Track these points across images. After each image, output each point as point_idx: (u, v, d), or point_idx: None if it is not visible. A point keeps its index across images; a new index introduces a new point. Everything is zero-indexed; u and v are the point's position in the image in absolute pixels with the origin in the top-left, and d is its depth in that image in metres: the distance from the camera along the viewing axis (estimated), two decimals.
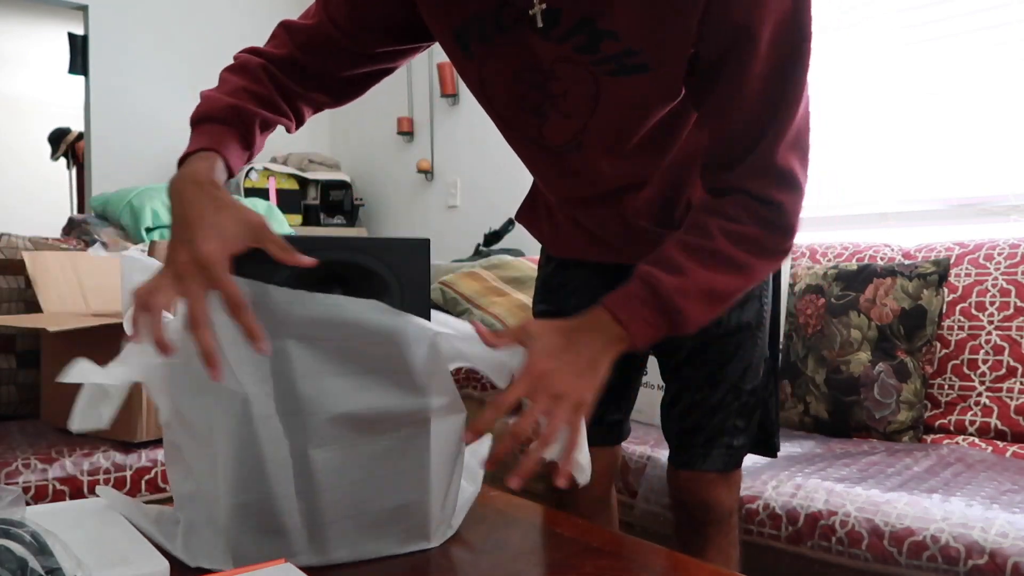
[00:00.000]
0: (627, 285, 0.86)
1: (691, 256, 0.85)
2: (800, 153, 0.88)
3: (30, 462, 1.47)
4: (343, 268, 0.86)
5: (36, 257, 1.82)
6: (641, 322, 0.84)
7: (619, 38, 0.84)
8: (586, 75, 0.89)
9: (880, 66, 2.24)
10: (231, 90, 0.96)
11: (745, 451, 1.16)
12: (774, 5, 0.79)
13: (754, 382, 1.13)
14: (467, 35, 0.92)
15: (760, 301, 1.12)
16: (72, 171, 5.32)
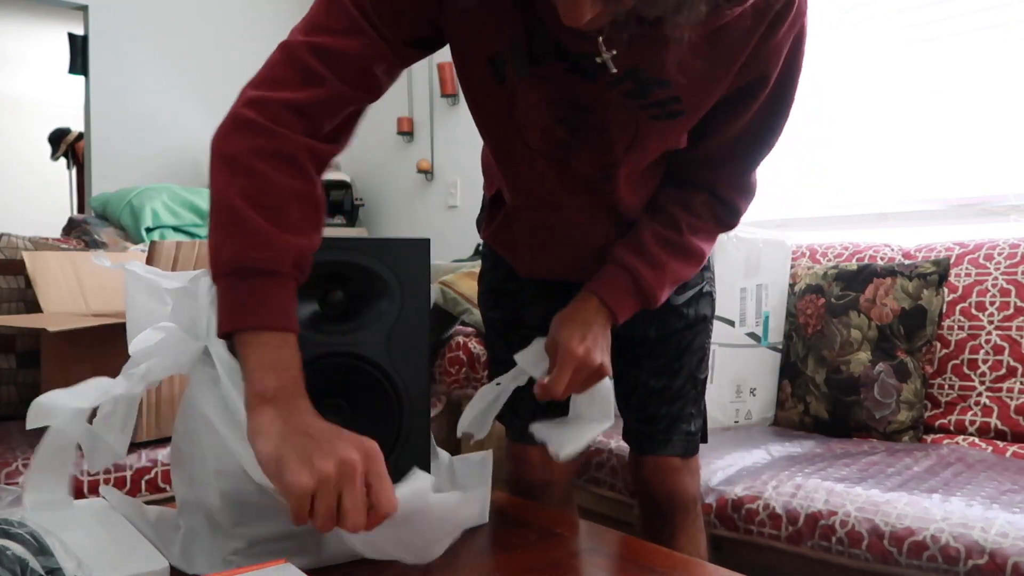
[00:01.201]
0: (614, 275, 1.02)
1: (665, 249, 1.02)
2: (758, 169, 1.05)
3: (30, 462, 1.47)
4: (344, 268, 0.86)
5: (36, 257, 1.82)
6: (626, 308, 1.02)
7: (669, 86, 0.88)
8: (629, 116, 0.92)
9: (880, 66, 2.24)
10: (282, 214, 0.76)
11: (697, 437, 1.22)
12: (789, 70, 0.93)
13: (706, 371, 1.22)
14: (503, 62, 0.87)
15: (711, 296, 1.23)
16: (72, 171, 5.31)
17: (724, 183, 1.03)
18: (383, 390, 0.89)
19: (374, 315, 0.88)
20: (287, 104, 0.78)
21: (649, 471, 1.20)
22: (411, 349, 0.89)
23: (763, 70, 0.90)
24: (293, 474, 0.66)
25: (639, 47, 0.82)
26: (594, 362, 0.96)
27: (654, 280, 1.01)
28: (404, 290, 0.88)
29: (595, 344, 0.97)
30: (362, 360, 0.87)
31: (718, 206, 1.04)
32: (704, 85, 0.90)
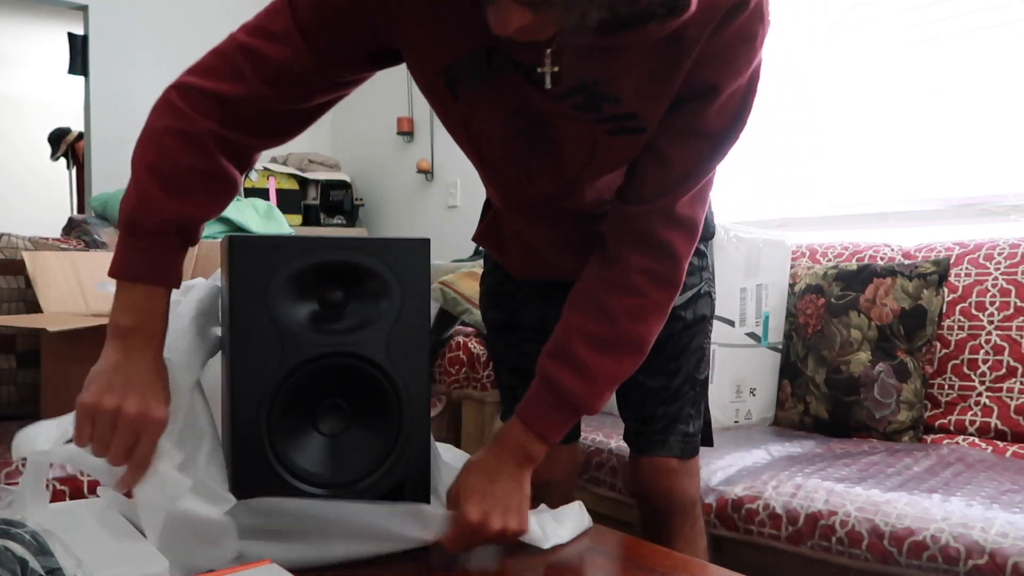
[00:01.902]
0: (539, 392, 0.92)
1: (595, 351, 0.91)
2: (702, 204, 0.95)
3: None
4: (344, 268, 0.86)
5: (36, 257, 1.82)
6: (553, 428, 0.92)
7: (620, 102, 0.86)
8: (585, 132, 0.90)
9: (880, 66, 2.24)
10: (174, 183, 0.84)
11: (697, 439, 1.20)
12: (737, 76, 0.85)
13: (706, 371, 1.20)
14: (456, 76, 0.88)
15: (710, 296, 1.20)
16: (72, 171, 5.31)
17: (657, 213, 0.91)
18: (383, 390, 0.89)
19: (374, 315, 0.88)
20: (207, 93, 0.86)
21: (646, 472, 1.19)
22: (411, 349, 0.89)
23: (710, 78, 0.85)
24: (84, 393, 0.82)
25: (586, 61, 0.83)
26: (491, 528, 0.86)
27: (584, 392, 0.91)
28: (404, 290, 0.88)
29: (497, 505, 0.87)
30: (362, 360, 0.87)
31: (655, 260, 0.92)
32: (653, 99, 0.87)
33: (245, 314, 0.83)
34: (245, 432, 0.83)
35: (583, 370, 0.91)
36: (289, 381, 0.84)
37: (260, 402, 0.83)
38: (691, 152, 0.89)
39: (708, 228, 1.18)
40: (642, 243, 0.92)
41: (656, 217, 0.91)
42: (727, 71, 0.84)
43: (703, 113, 0.86)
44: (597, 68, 0.84)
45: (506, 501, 0.89)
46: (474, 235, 1.21)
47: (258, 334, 0.83)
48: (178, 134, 0.85)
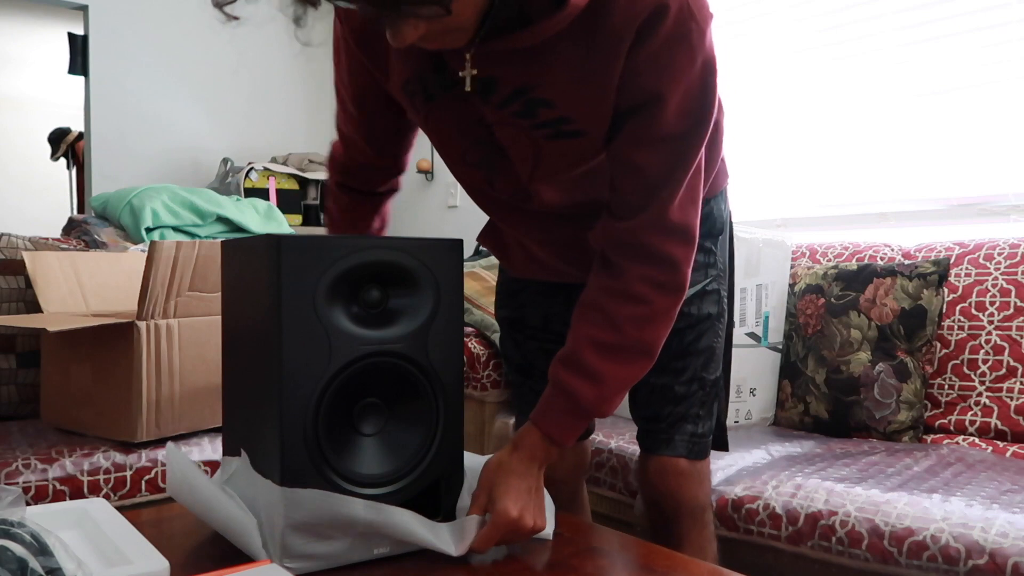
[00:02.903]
0: (552, 399, 0.94)
1: (604, 357, 0.93)
2: (693, 207, 0.94)
3: (30, 462, 1.47)
4: (380, 267, 0.87)
5: (36, 257, 1.82)
6: (568, 431, 0.94)
7: (553, 106, 0.89)
8: (527, 138, 0.93)
9: (880, 66, 2.24)
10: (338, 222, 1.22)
11: (708, 441, 1.18)
12: (683, 78, 0.85)
13: (716, 372, 1.18)
14: (412, 90, 0.96)
15: (719, 294, 1.17)
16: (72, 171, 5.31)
17: (646, 226, 0.92)
18: (421, 389, 0.90)
19: (411, 314, 0.89)
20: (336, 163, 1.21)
21: (653, 472, 1.17)
22: (448, 347, 0.91)
23: (652, 86, 0.85)
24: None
25: (509, 66, 0.86)
26: (526, 525, 0.90)
27: (596, 397, 0.93)
28: (440, 288, 0.90)
29: (529, 504, 0.91)
30: (404, 359, 0.88)
31: (652, 270, 0.93)
32: (587, 103, 0.88)
33: (294, 315, 0.82)
34: (294, 434, 0.83)
35: (594, 376, 0.92)
36: (336, 381, 0.85)
37: (309, 402, 0.83)
38: (659, 157, 0.90)
39: (716, 223, 1.17)
40: (640, 255, 0.93)
41: (647, 229, 0.92)
42: (668, 76, 0.85)
43: (659, 118, 0.87)
44: (524, 73, 0.87)
45: (536, 501, 0.92)
46: (478, 235, 1.24)
47: (307, 335, 0.83)
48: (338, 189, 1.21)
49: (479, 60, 0.87)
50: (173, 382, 1.59)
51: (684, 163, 0.90)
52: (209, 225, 2.79)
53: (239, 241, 0.92)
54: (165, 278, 1.54)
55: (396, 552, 0.88)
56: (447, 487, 0.92)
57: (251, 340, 0.90)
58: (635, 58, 0.84)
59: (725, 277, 1.19)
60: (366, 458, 0.88)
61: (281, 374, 0.82)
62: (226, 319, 0.97)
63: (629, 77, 0.85)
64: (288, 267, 0.82)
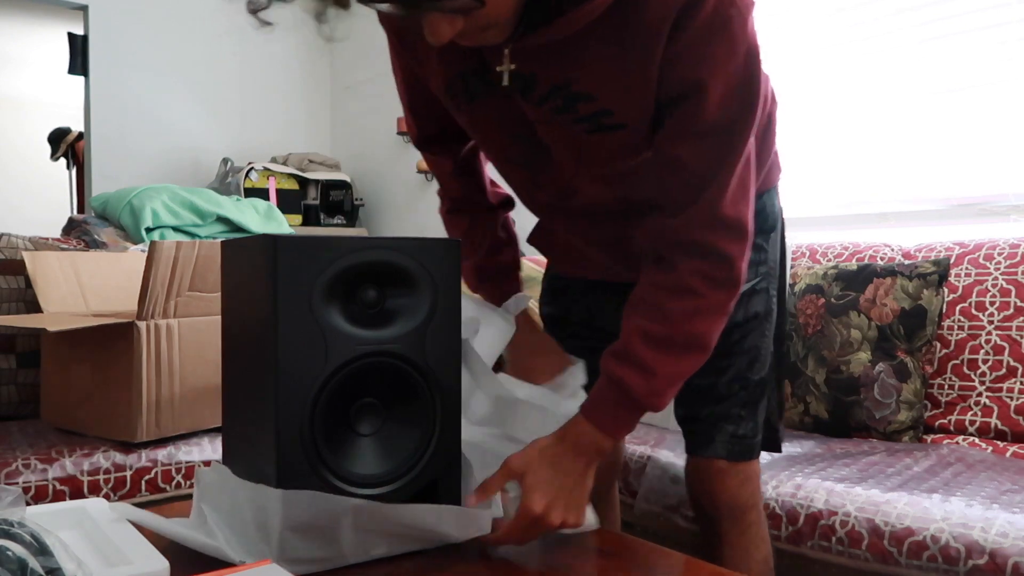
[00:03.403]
0: (603, 391, 0.93)
1: (655, 349, 0.90)
2: (745, 201, 0.91)
3: (30, 462, 1.47)
4: (377, 267, 0.87)
5: (36, 257, 1.82)
6: (620, 425, 0.93)
7: (593, 99, 0.87)
8: (567, 134, 0.92)
9: (880, 66, 2.24)
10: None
11: (753, 443, 1.14)
12: (726, 65, 0.83)
13: (761, 372, 1.14)
14: (455, 90, 0.96)
15: (768, 293, 1.13)
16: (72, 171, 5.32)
17: (696, 222, 0.90)
18: (418, 389, 0.89)
19: (408, 314, 0.89)
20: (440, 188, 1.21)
21: (693, 472, 1.16)
22: (445, 348, 0.91)
23: (692, 76, 0.83)
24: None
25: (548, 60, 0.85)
26: (551, 523, 0.89)
27: (645, 390, 0.91)
28: (437, 289, 0.90)
29: (560, 499, 0.90)
30: (401, 359, 0.88)
31: (704, 264, 0.90)
32: (626, 95, 0.87)
33: (291, 314, 0.82)
34: (290, 434, 0.83)
35: (645, 368, 0.90)
36: (332, 381, 0.85)
37: (305, 403, 0.83)
38: (704, 151, 0.87)
39: (769, 220, 1.14)
40: (692, 251, 0.90)
41: (698, 226, 0.89)
42: (709, 65, 0.82)
43: (702, 110, 0.85)
44: (562, 67, 0.86)
45: (568, 496, 0.90)
46: (528, 237, 1.23)
47: (303, 335, 0.83)
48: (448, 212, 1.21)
49: (517, 56, 0.86)
50: (173, 382, 1.59)
51: (731, 156, 0.88)
52: (209, 225, 2.79)
53: (238, 241, 0.92)
54: (165, 278, 1.54)
55: (393, 553, 0.88)
56: (444, 487, 0.92)
57: (249, 340, 0.90)
58: (674, 46, 0.81)
59: (775, 275, 1.16)
60: (363, 458, 0.87)
61: (277, 374, 0.82)
62: (225, 319, 0.97)
63: (668, 67, 0.83)
64: (284, 267, 0.82)
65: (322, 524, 0.82)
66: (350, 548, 0.85)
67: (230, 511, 0.87)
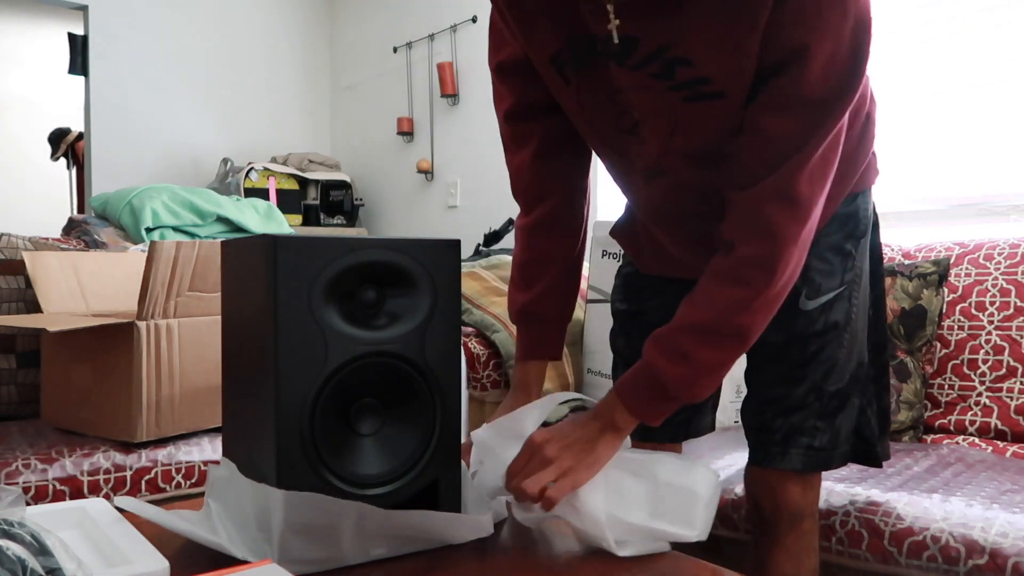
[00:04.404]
0: (636, 371, 0.93)
1: (696, 338, 0.90)
2: (823, 181, 0.88)
3: (30, 462, 1.47)
4: (377, 267, 0.87)
5: (36, 257, 1.82)
6: (646, 408, 0.93)
7: (693, 64, 0.85)
8: (662, 103, 0.90)
9: (880, 66, 2.24)
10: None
11: (832, 454, 1.10)
12: (832, 32, 0.79)
13: (839, 384, 1.09)
14: (562, 62, 0.94)
15: (849, 301, 1.08)
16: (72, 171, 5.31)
17: (769, 192, 0.86)
18: (418, 389, 0.89)
19: (408, 314, 0.89)
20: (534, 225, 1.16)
21: (757, 481, 1.14)
22: (445, 347, 0.90)
23: (798, 40, 0.79)
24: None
25: (651, 21, 0.84)
26: (545, 452, 0.89)
27: (681, 377, 0.90)
28: (437, 289, 0.90)
29: (566, 441, 0.90)
30: (401, 359, 0.88)
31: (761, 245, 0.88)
32: (730, 60, 0.83)
33: (290, 315, 0.82)
34: (290, 434, 0.83)
35: (681, 356, 0.90)
36: (332, 381, 0.85)
37: (305, 403, 0.83)
38: (794, 122, 0.84)
39: (860, 224, 1.09)
40: (752, 228, 0.88)
41: (766, 197, 0.87)
42: (815, 28, 0.79)
43: (802, 78, 0.81)
44: (666, 31, 0.84)
45: (572, 443, 0.91)
46: (611, 230, 1.23)
47: (303, 335, 0.83)
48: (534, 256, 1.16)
49: (621, 12, 0.85)
50: (173, 382, 1.59)
51: (821, 131, 0.84)
52: (209, 225, 2.79)
53: (238, 241, 0.92)
54: (165, 278, 1.54)
55: (393, 553, 0.88)
56: (444, 487, 0.92)
57: (248, 340, 0.90)
58: (781, 8, 0.78)
59: (859, 283, 1.10)
60: (363, 458, 0.87)
61: (277, 374, 0.82)
62: (225, 319, 0.97)
63: (774, 30, 0.80)
64: (284, 267, 0.82)
65: (322, 524, 0.82)
66: (350, 548, 0.85)
67: (235, 508, 0.87)
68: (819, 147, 0.85)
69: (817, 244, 1.01)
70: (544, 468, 0.89)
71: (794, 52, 0.80)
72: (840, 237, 1.07)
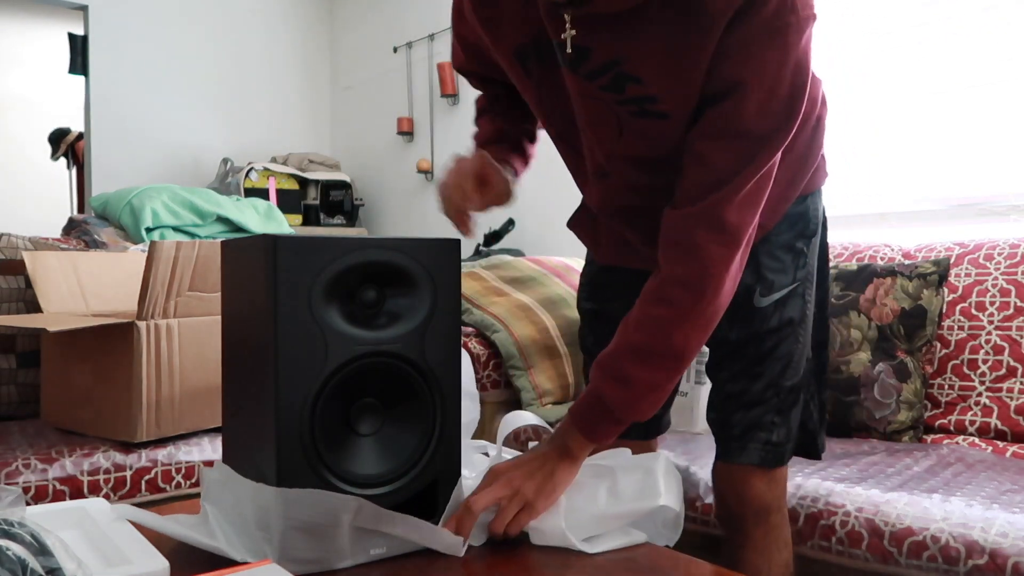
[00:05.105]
0: (584, 397, 0.96)
1: (635, 361, 0.93)
2: (752, 211, 0.91)
3: (30, 462, 1.47)
4: (376, 267, 0.87)
5: (36, 257, 1.82)
6: (597, 431, 0.95)
7: (642, 83, 0.88)
8: (611, 113, 0.93)
9: (880, 66, 2.24)
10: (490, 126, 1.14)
11: (786, 448, 1.13)
12: (770, 72, 0.83)
13: (795, 379, 1.12)
14: (526, 56, 0.97)
15: (803, 298, 1.12)
16: (72, 171, 5.31)
17: (702, 219, 0.90)
18: (418, 389, 0.90)
19: (408, 314, 0.89)
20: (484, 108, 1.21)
21: (722, 475, 1.15)
22: (445, 347, 0.91)
23: (737, 74, 0.83)
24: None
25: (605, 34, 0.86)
26: (513, 482, 0.90)
27: (623, 400, 0.93)
28: (437, 288, 0.90)
29: (526, 470, 0.92)
30: (401, 359, 0.88)
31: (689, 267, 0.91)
32: (676, 84, 0.87)
33: (290, 315, 0.82)
34: (290, 434, 0.83)
35: (622, 379, 0.93)
36: (332, 381, 0.85)
37: (305, 403, 0.83)
38: (729, 152, 0.87)
39: (811, 224, 1.12)
40: (678, 249, 0.92)
41: (695, 222, 0.90)
42: (754, 66, 0.83)
43: (739, 111, 0.85)
44: (618, 47, 0.87)
45: (532, 472, 0.92)
46: (568, 222, 1.23)
47: (303, 335, 0.83)
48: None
49: (577, 24, 0.87)
50: (173, 382, 1.59)
51: (754, 164, 0.87)
52: (209, 225, 2.79)
53: (238, 241, 0.92)
54: (165, 278, 1.54)
55: (393, 553, 0.88)
56: (444, 487, 0.92)
57: (248, 340, 0.90)
58: (727, 40, 0.82)
59: (812, 280, 1.14)
60: (363, 458, 0.88)
61: (277, 374, 0.82)
62: (225, 319, 0.97)
63: (718, 61, 0.83)
64: (284, 267, 0.82)
65: (322, 524, 0.82)
66: (350, 548, 0.85)
67: (232, 510, 0.87)
68: (751, 180, 0.88)
69: (769, 243, 1.05)
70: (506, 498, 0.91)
71: (732, 85, 0.84)
72: (791, 236, 1.10)
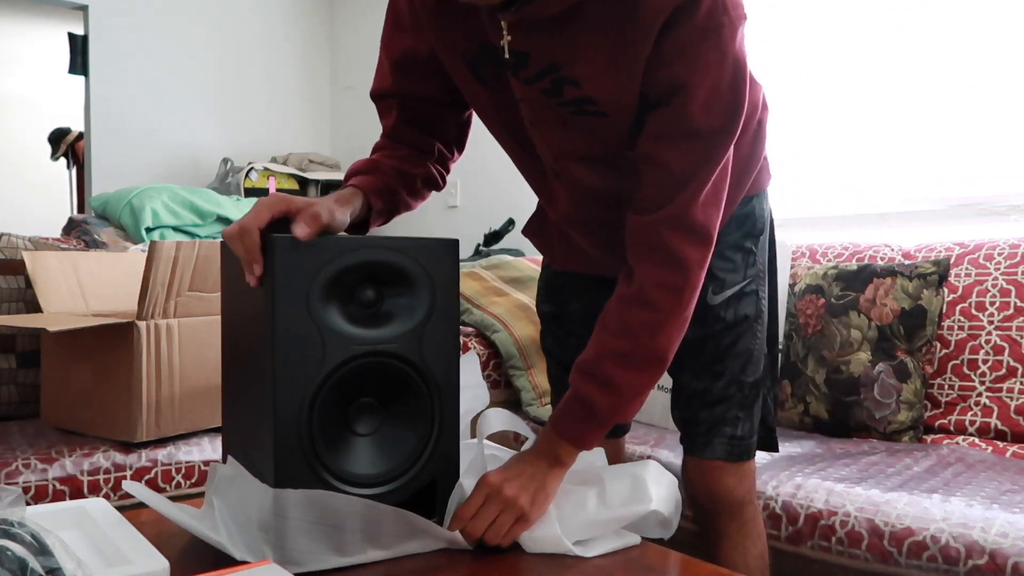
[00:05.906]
0: (569, 402, 0.96)
1: (620, 365, 0.94)
2: (716, 208, 0.93)
3: (30, 462, 1.47)
4: (375, 267, 0.87)
5: (36, 257, 1.82)
6: (583, 436, 0.96)
7: (580, 85, 0.89)
8: (553, 114, 0.95)
9: (880, 65, 2.24)
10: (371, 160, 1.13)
11: (750, 443, 1.16)
12: (710, 72, 0.84)
13: (756, 374, 1.15)
14: (478, 63, 0.96)
15: (757, 295, 1.15)
16: (72, 171, 5.31)
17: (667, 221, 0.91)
18: (416, 389, 0.90)
19: (407, 314, 0.89)
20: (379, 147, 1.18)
21: (692, 473, 1.17)
22: (444, 347, 0.91)
23: (678, 77, 0.84)
24: None
25: (542, 37, 0.87)
26: (506, 494, 0.90)
27: (610, 405, 0.94)
28: (435, 288, 0.90)
29: (520, 481, 0.92)
30: (399, 359, 0.88)
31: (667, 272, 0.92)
32: (614, 86, 0.88)
33: (288, 314, 0.82)
34: (288, 434, 0.83)
35: (608, 384, 0.94)
36: (330, 381, 0.85)
37: (303, 403, 0.83)
38: (684, 154, 0.89)
39: (758, 223, 1.15)
40: (654, 254, 0.92)
41: (667, 226, 0.91)
42: (694, 68, 0.84)
43: (685, 113, 0.86)
44: (555, 51, 0.88)
45: (525, 482, 0.92)
46: (523, 229, 1.26)
47: (301, 335, 0.83)
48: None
49: (514, 30, 0.88)
50: (173, 382, 1.59)
51: (710, 162, 0.89)
52: (209, 225, 2.80)
53: None
54: (165, 278, 1.54)
55: (393, 554, 0.88)
56: (443, 487, 0.92)
57: (247, 340, 0.90)
58: (662, 44, 0.83)
59: (764, 278, 1.17)
60: (361, 458, 0.88)
61: (275, 374, 0.82)
62: (225, 319, 0.97)
63: (655, 64, 0.85)
64: (282, 267, 0.82)
65: (322, 524, 0.82)
66: (350, 548, 0.85)
67: (238, 507, 0.87)
68: (710, 178, 0.90)
69: (718, 243, 1.06)
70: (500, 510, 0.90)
71: (675, 88, 0.85)
72: (739, 236, 1.13)
